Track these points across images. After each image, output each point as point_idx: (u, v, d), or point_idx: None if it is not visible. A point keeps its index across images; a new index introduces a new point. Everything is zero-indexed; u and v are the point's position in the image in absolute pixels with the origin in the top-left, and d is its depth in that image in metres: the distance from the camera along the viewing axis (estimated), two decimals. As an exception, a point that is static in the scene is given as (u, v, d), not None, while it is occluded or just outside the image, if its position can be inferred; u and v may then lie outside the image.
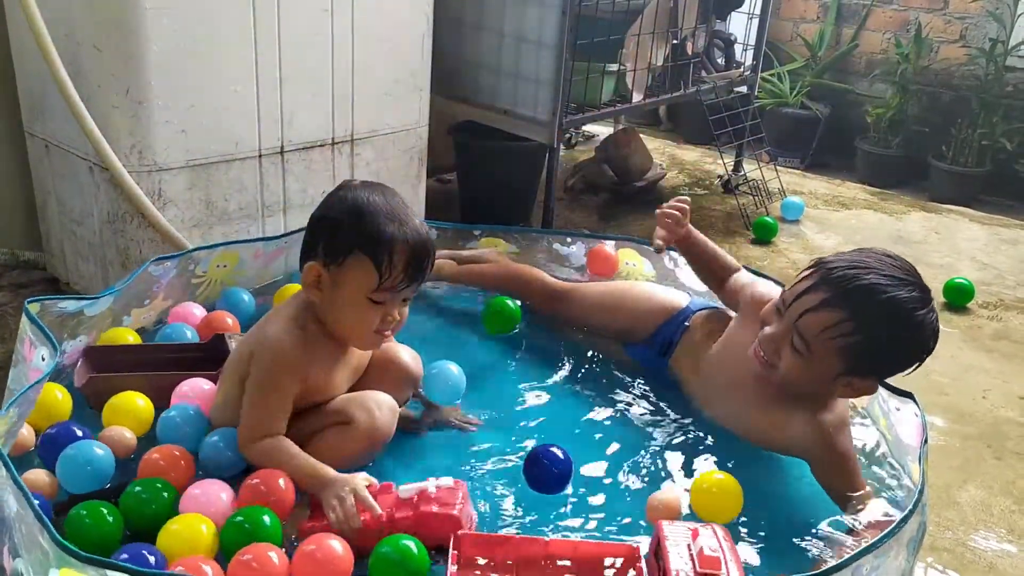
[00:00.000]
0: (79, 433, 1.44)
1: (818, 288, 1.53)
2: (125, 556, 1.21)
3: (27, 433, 1.45)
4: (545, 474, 1.47)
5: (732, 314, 1.84)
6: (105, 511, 1.29)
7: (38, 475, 1.37)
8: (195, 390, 1.57)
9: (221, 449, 1.44)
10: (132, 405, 1.53)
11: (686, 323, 1.87)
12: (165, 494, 1.33)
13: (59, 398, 1.54)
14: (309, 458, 1.38)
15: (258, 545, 1.22)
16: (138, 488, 1.32)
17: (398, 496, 1.34)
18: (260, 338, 1.44)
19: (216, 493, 1.33)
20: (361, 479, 1.34)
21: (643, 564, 1.27)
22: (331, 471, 1.36)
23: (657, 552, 1.26)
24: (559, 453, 1.48)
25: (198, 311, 1.88)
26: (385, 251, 1.39)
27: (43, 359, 1.41)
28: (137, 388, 1.57)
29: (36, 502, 1.14)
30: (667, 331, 1.88)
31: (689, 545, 1.24)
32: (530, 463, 1.49)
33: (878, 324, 1.48)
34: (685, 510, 1.46)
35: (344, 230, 1.39)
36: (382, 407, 1.49)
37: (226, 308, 1.92)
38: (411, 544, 1.24)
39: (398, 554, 1.23)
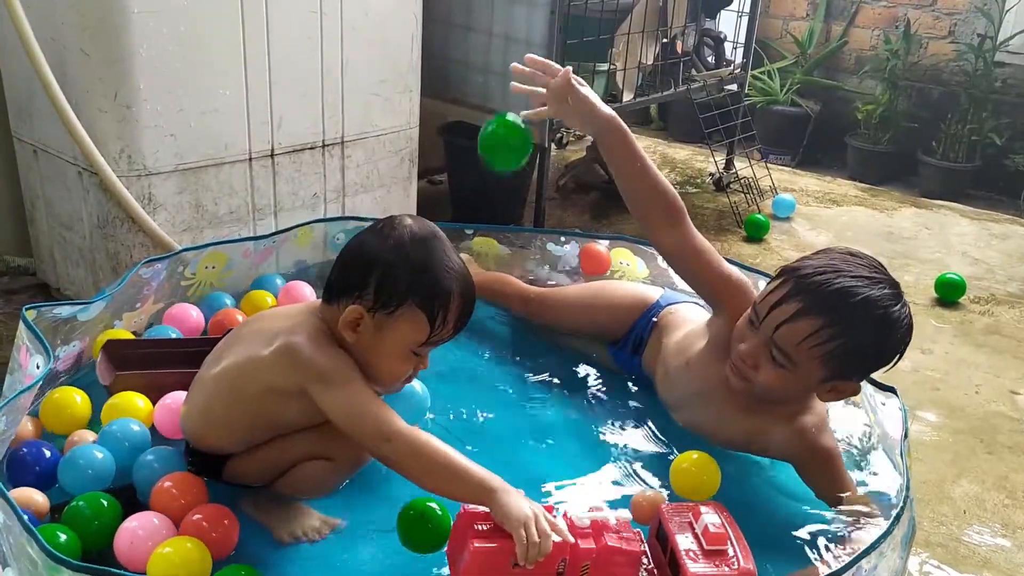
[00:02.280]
0: (48, 454, 1.41)
1: (792, 297, 1.47)
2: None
3: (31, 428, 1.46)
4: None
5: (702, 307, 1.79)
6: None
7: (27, 494, 1.35)
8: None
9: (156, 471, 1.38)
10: (132, 406, 1.53)
11: (654, 319, 1.83)
12: (109, 512, 1.29)
13: (78, 402, 1.53)
14: (467, 462, 1.24)
15: None
16: (81, 503, 1.29)
17: (572, 523, 1.22)
18: (290, 353, 1.31)
19: (157, 529, 1.26)
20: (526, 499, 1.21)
21: (646, 547, 1.28)
22: (499, 480, 1.22)
23: (659, 534, 1.28)
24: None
25: (194, 312, 1.86)
26: (441, 306, 1.33)
27: (38, 367, 1.40)
28: (161, 384, 1.56)
29: (25, 515, 1.13)
30: (638, 328, 1.85)
31: (692, 524, 1.25)
32: None
33: (857, 326, 1.44)
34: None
35: (401, 279, 1.31)
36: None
37: (211, 314, 1.89)
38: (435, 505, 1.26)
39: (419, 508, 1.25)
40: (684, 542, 1.23)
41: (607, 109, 1.64)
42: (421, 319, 1.32)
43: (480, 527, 1.19)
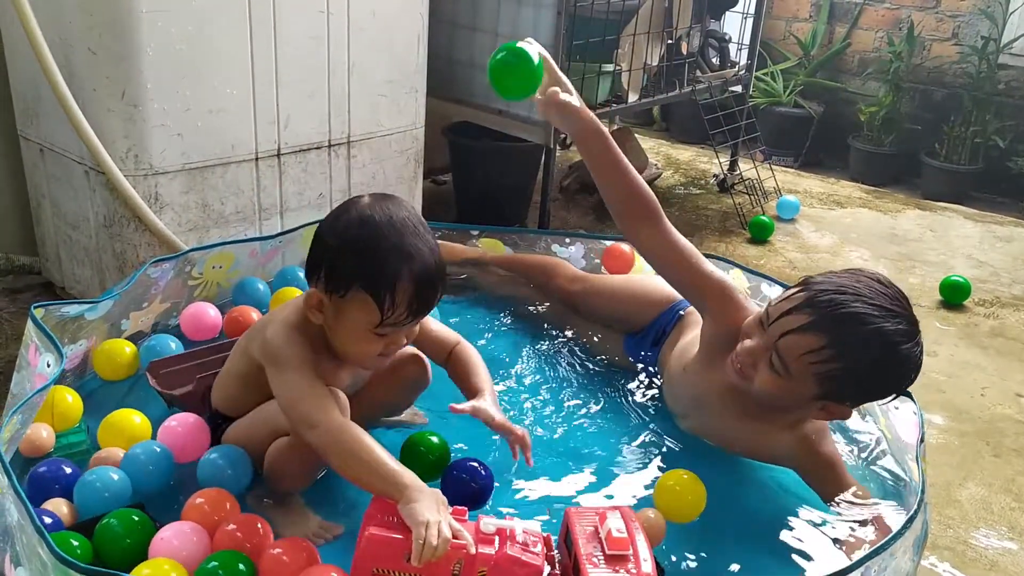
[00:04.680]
0: (68, 471, 1.40)
1: (803, 309, 1.45)
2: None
3: (46, 436, 1.46)
4: (463, 489, 1.42)
5: None
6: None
7: (56, 504, 1.35)
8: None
9: (221, 467, 1.40)
10: (128, 423, 1.51)
11: (681, 312, 1.84)
12: (140, 527, 1.28)
13: (69, 402, 1.53)
14: (386, 457, 1.26)
15: None
16: (112, 521, 1.28)
17: (479, 528, 1.23)
18: (261, 343, 1.39)
19: (188, 537, 1.26)
20: (441, 499, 1.23)
21: (555, 552, 1.28)
22: (413, 479, 1.24)
23: (567, 539, 1.28)
24: (479, 468, 1.45)
25: (212, 311, 1.87)
26: (387, 289, 1.30)
27: (48, 365, 1.40)
28: None
29: (31, 507, 1.13)
30: (663, 320, 1.86)
31: (597, 529, 1.26)
32: (447, 479, 1.45)
33: (860, 354, 1.42)
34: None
35: (344, 262, 1.32)
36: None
37: (243, 299, 1.93)
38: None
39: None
40: (587, 547, 1.23)
41: (587, 112, 1.63)
42: (369, 302, 1.31)
43: (385, 517, 1.23)
